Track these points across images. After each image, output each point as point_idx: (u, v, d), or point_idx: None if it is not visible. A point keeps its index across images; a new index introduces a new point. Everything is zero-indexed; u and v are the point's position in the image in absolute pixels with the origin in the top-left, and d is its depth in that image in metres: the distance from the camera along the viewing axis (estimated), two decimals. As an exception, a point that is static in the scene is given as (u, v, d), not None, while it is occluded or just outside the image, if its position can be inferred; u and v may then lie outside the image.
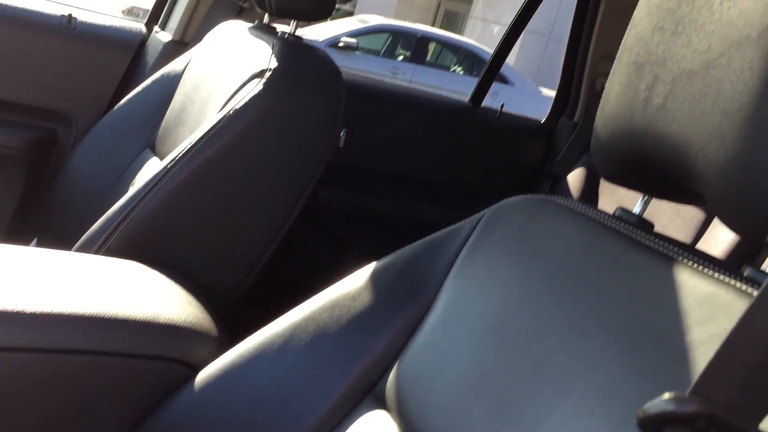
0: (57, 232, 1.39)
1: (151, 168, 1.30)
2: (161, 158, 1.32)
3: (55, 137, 1.71)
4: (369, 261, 0.82)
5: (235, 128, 1.08)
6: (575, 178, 1.92)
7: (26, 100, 1.68)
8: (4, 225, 1.67)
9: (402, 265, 0.78)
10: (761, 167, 0.44)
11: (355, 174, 1.88)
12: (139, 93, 1.46)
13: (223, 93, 1.18)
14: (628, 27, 0.62)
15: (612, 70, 0.63)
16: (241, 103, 1.08)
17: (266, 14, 1.29)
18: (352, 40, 8.27)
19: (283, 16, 1.21)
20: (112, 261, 0.96)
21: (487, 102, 2.08)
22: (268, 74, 1.10)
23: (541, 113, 2.26)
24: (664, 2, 0.58)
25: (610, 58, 2.01)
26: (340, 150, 1.80)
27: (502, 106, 2.05)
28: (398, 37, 9.00)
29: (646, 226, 0.62)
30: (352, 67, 8.17)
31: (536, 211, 0.71)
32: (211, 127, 1.08)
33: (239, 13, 1.69)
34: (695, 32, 0.52)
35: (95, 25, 1.73)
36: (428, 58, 9.14)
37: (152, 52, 1.75)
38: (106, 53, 1.73)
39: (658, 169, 0.56)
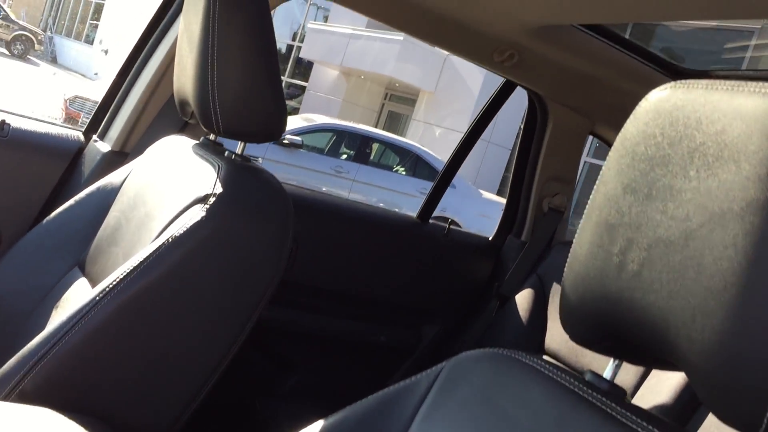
0: None
1: (79, 291, 1.21)
2: (90, 280, 1.23)
3: None
4: (311, 383, 0.74)
5: (173, 257, 1.00)
6: (523, 300, 1.90)
7: None
8: None
9: (353, 425, 0.71)
10: (751, 357, 0.41)
11: (297, 291, 1.81)
12: (71, 206, 1.37)
13: (162, 216, 1.11)
14: (596, 185, 0.60)
15: (580, 227, 0.60)
16: (181, 230, 1.01)
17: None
18: (297, 138, 8.35)
19: (230, 137, 1.17)
20: (21, 411, 0.85)
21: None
22: (212, 200, 1.04)
23: (483, 215, 2.27)
24: (636, 163, 0.55)
25: (556, 179, 2.05)
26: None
27: (449, 223, 2.04)
28: (342, 136, 9.14)
29: (618, 393, 0.58)
30: (296, 164, 8.21)
31: (500, 370, 0.66)
32: (148, 256, 1.00)
33: (183, 128, 1.65)
34: (671, 198, 0.50)
35: (29, 131, 1.64)
36: (371, 157, 9.28)
37: (89, 162, 1.67)
38: (39, 161, 1.64)
39: (633, 338, 0.53)
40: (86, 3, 24.04)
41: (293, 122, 8.82)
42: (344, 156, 9.04)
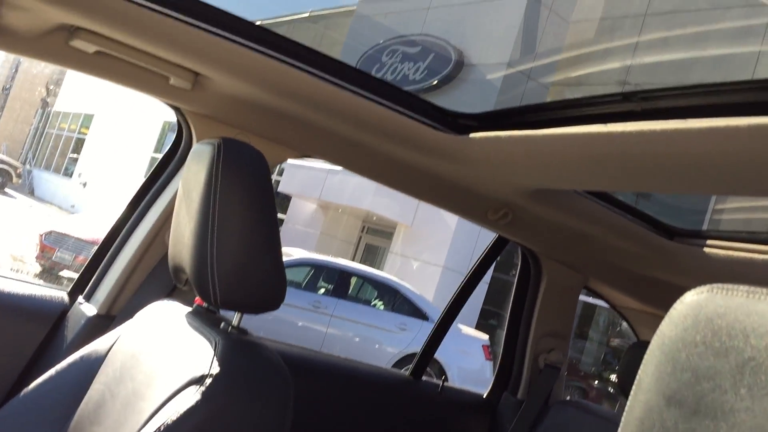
0: None
1: None
2: None
3: None
4: None
5: None
6: None
7: None
8: None
9: None
10: None
11: None
12: (51, 377, 1.29)
13: (153, 396, 1.04)
14: (633, 392, 0.55)
15: None
16: (174, 416, 0.94)
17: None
18: (275, 274, 8.29)
19: (227, 308, 1.12)
20: None
21: (408, 338, 2.03)
22: (208, 381, 0.98)
23: (463, 351, 2.22)
24: (678, 372, 0.51)
25: (551, 334, 2.01)
26: None
27: (444, 379, 1.98)
28: (320, 270, 9.11)
29: None
30: (273, 300, 8.09)
31: None
32: None
33: (172, 292, 1.60)
34: (722, 417, 0.45)
35: (9, 293, 1.58)
36: (350, 291, 9.22)
37: (73, 325, 1.60)
38: (19, 325, 1.57)
39: None
40: (67, 138, 24.52)
41: (271, 257, 8.80)
42: (322, 290, 8.98)
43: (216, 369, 1.00)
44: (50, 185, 23.13)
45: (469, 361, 8.03)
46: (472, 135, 1.42)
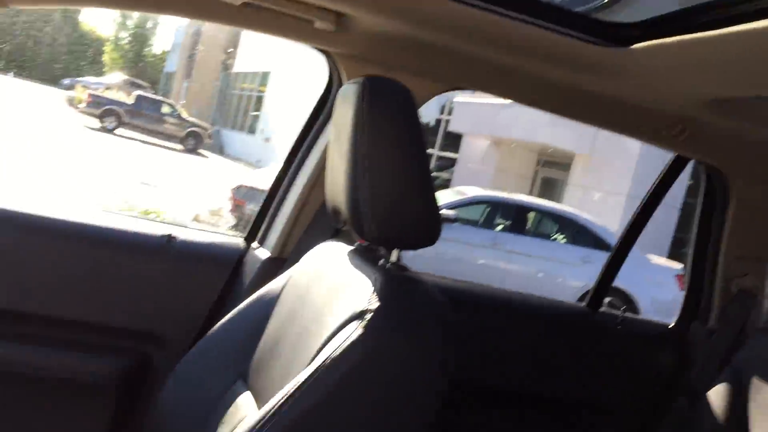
0: None
1: (242, 407, 1.21)
2: (253, 394, 1.23)
3: (149, 362, 1.66)
4: None
5: (332, 379, 0.97)
6: (718, 397, 1.68)
7: (120, 322, 1.65)
8: None
9: None
10: None
11: (457, 389, 1.73)
12: (234, 317, 1.39)
13: (319, 332, 1.09)
14: None
15: None
16: (338, 351, 0.97)
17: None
18: (451, 213, 8.35)
19: (383, 245, 1.13)
20: None
21: (593, 270, 1.93)
22: (368, 316, 0.99)
23: (656, 282, 2.08)
24: None
25: (746, 258, 1.83)
26: None
27: (624, 310, 1.87)
28: (496, 207, 9.03)
29: None
30: (451, 238, 8.18)
31: None
32: (307, 378, 0.97)
33: (336, 234, 1.65)
34: None
35: (194, 242, 1.73)
36: (528, 226, 9.08)
37: (250, 269, 1.71)
38: (203, 271, 1.72)
39: None
40: (248, 97, 26.07)
41: (446, 196, 8.85)
42: (500, 227, 8.91)
43: (375, 304, 1.01)
44: (237, 143, 24.84)
45: (661, 292, 7.64)
46: (635, 46, 1.29)
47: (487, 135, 14.86)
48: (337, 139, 1.16)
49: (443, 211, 8.33)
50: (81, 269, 1.63)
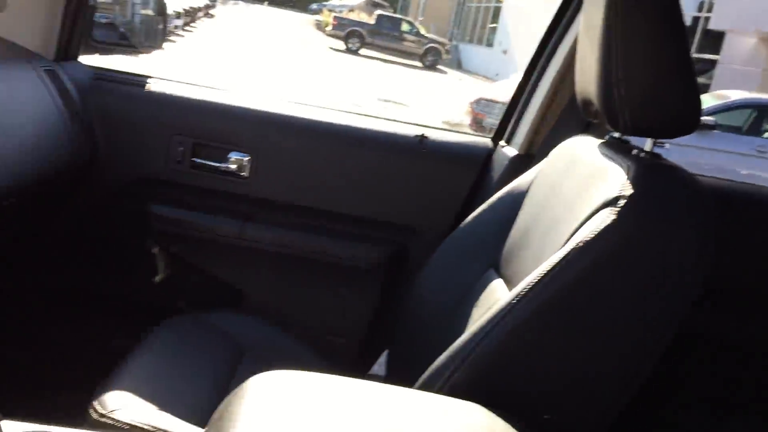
0: (405, 344, 1.45)
1: (494, 291, 1.27)
2: (505, 281, 1.28)
3: (407, 252, 1.81)
4: None
5: (584, 263, 0.97)
6: None
7: (382, 216, 1.82)
8: (361, 335, 1.81)
9: None
10: None
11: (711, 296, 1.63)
12: (484, 210, 1.45)
13: (570, 220, 1.09)
14: None
15: None
16: (590, 235, 0.97)
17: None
18: (710, 118, 7.67)
19: (639, 134, 1.09)
20: (453, 405, 0.92)
21: None
22: (621, 202, 0.98)
23: None
24: None
25: None
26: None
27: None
28: (765, 112, 8.12)
29: None
30: (709, 147, 7.56)
31: None
32: (559, 261, 0.99)
33: (586, 128, 1.62)
34: None
35: (445, 142, 1.82)
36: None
37: (498, 166, 1.76)
38: (454, 169, 1.81)
39: None
40: (486, 9, 25.64)
41: (703, 101, 8.13)
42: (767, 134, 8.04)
43: (629, 190, 0.99)
44: (474, 57, 24.71)
45: None
46: None
47: (755, 31, 13.21)
48: (588, 25, 1.13)
49: (702, 117, 7.67)
50: (349, 169, 1.82)
